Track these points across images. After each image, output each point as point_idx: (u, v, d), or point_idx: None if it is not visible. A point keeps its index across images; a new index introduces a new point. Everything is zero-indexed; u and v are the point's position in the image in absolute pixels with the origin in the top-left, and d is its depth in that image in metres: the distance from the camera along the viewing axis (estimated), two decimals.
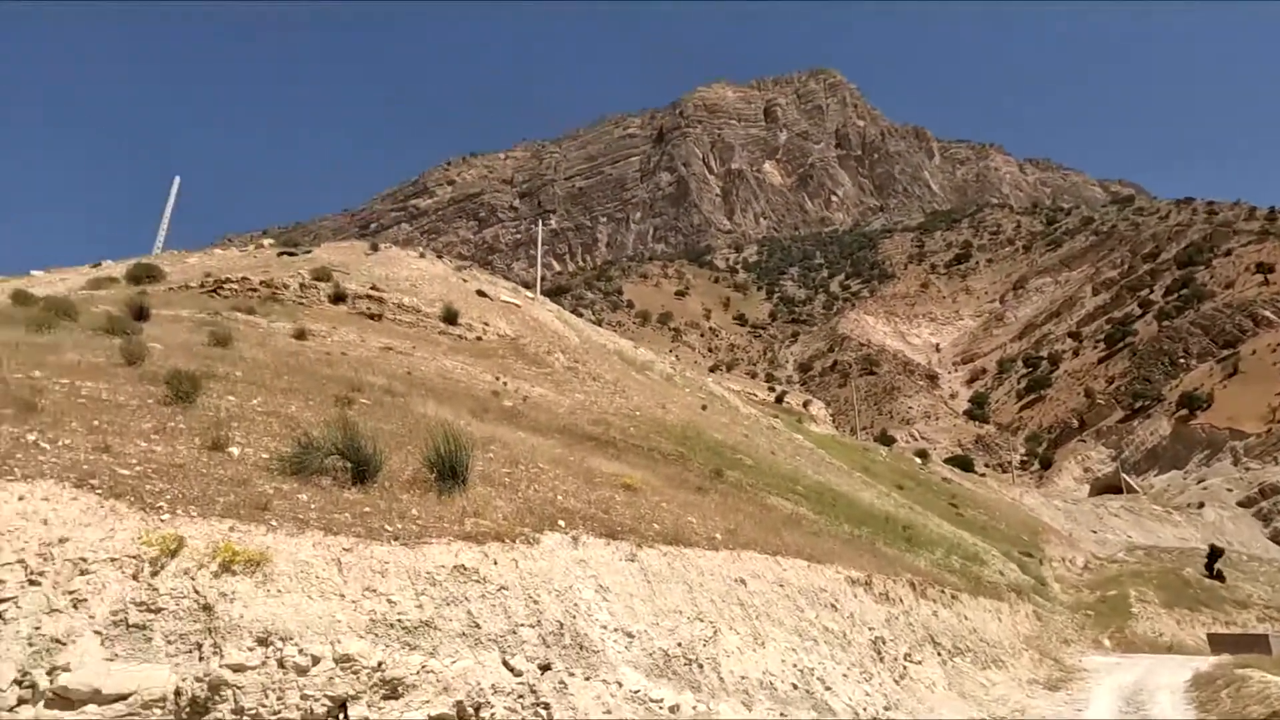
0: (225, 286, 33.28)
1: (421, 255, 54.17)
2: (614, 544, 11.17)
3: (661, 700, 9.09)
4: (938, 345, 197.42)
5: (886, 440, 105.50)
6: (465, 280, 49.14)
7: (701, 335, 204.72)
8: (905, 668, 15.48)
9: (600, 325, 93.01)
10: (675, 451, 26.86)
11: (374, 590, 8.02)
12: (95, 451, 9.30)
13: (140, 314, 22.76)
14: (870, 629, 15.18)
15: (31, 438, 9.35)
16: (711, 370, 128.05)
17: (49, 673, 6.52)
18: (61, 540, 7.46)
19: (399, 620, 7.90)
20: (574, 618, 9.30)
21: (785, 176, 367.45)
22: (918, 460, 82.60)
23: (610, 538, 11.29)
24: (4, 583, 7.05)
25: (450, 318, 36.17)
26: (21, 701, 6.41)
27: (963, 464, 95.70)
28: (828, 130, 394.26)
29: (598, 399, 33.79)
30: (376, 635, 7.67)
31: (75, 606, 7.01)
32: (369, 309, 34.69)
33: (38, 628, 6.80)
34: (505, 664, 8.19)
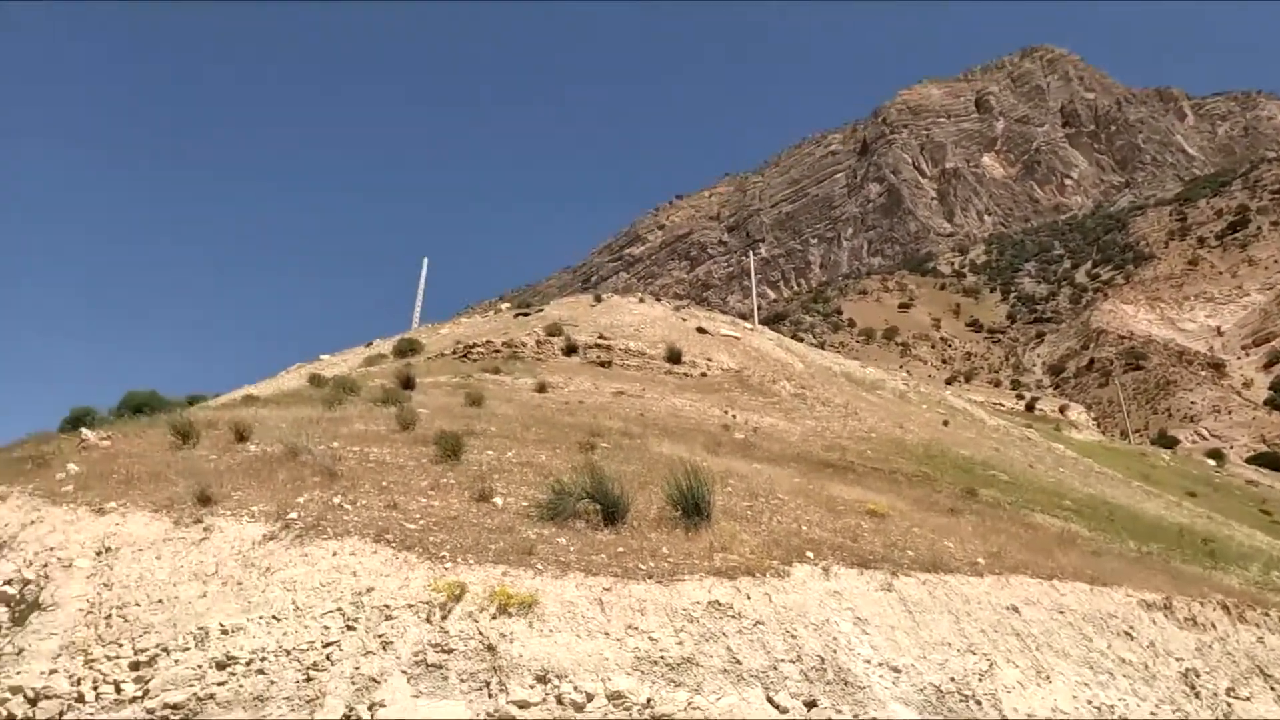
0: (473, 350, 36.61)
1: (641, 300, 56.34)
2: (867, 573, 10.75)
3: None
4: (1219, 328, 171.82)
5: (1167, 442, 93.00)
6: (684, 319, 50.33)
7: (932, 346, 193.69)
8: (1230, 704, 13.33)
9: (823, 348, 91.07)
10: (919, 472, 25.45)
11: (635, 628, 8.30)
12: (386, 509, 10.53)
13: (407, 383, 25.60)
14: (1178, 659, 13.27)
15: (336, 500, 10.78)
16: (949, 383, 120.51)
17: (369, 708, 7.39)
18: (368, 590, 8.48)
19: (661, 657, 8.10)
20: (834, 651, 9.02)
21: (1008, 167, 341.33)
22: (1210, 462, 71.91)
23: (862, 567, 10.88)
24: (328, 629, 8.13)
25: (674, 357, 37.12)
26: None
27: (1272, 462, 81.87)
28: (1051, 110, 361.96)
29: (829, 424, 32.94)
30: (642, 672, 7.91)
31: (384, 649, 7.92)
32: (598, 357, 36.55)
33: (357, 668, 7.75)
34: (770, 700, 8.09)
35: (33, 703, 8.00)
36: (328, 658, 7.89)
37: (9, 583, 9.82)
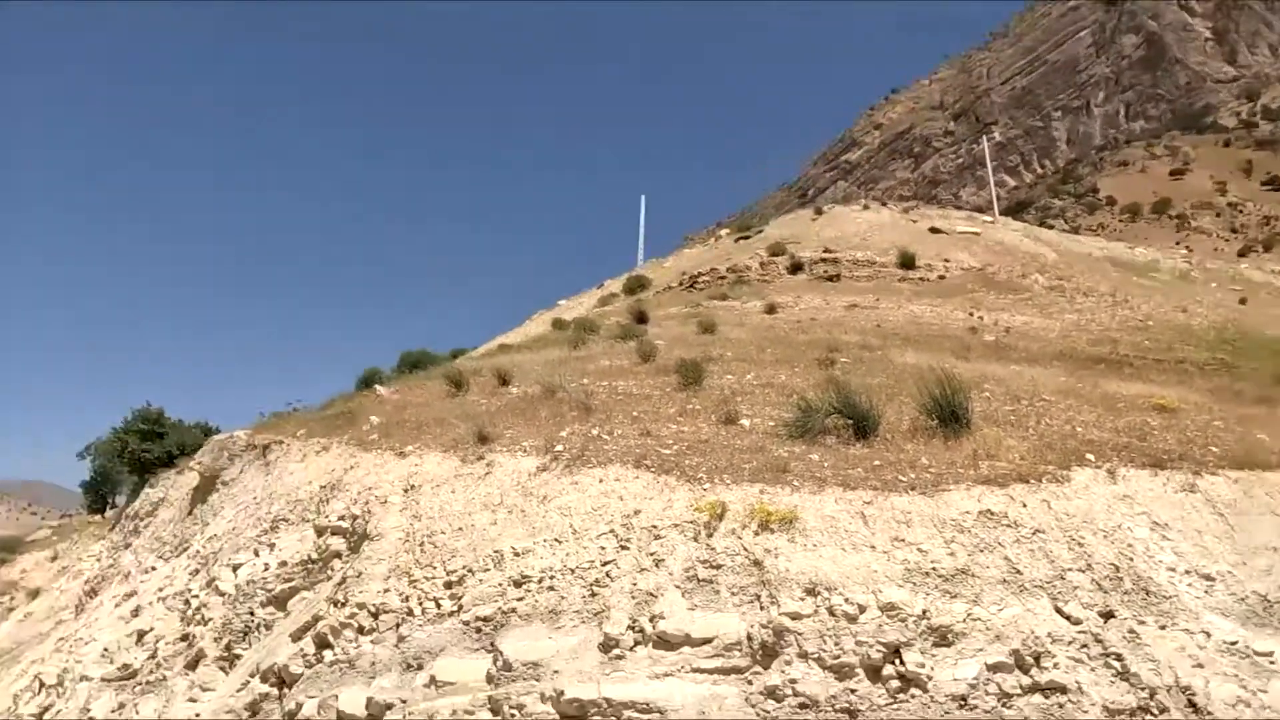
0: (699, 280, 36.99)
1: (865, 207, 53.59)
2: (1162, 474, 9.64)
3: (1272, 654, 7.55)
4: None
5: None
6: (914, 221, 47.24)
7: (1217, 215, 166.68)
8: None
9: (1077, 233, 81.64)
10: (1213, 360, 22.23)
11: (902, 540, 8.10)
12: (641, 437, 11.04)
13: (641, 318, 26.48)
14: None
15: (595, 432, 11.47)
16: (1242, 255, 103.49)
17: (650, 620, 7.90)
18: (635, 512, 8.99)
19: (933, 569, 7.85)
20: (1130, 559, 8.24)
21: None
22: None
23: (1155, 468, 9.77)
24: (604, 549, 8.76)
25: (907, 262, 35.08)
26: (636, 643, 7.87)
27: None
28: None
29: (1094, 315, 29.64)
30: (914, 584, 7.73)
31: (656, 566, 8.39)
32: (825, 272, 35.44)
33: (634, 583, 8.29)
34: (1059, 611, 7.60)
35: (375, 616, 9.45)
36: (607, 575, 8.51)
37: (342, 518, 11.59)
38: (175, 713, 10.77)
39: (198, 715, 10.60)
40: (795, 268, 35.96)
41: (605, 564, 8.61)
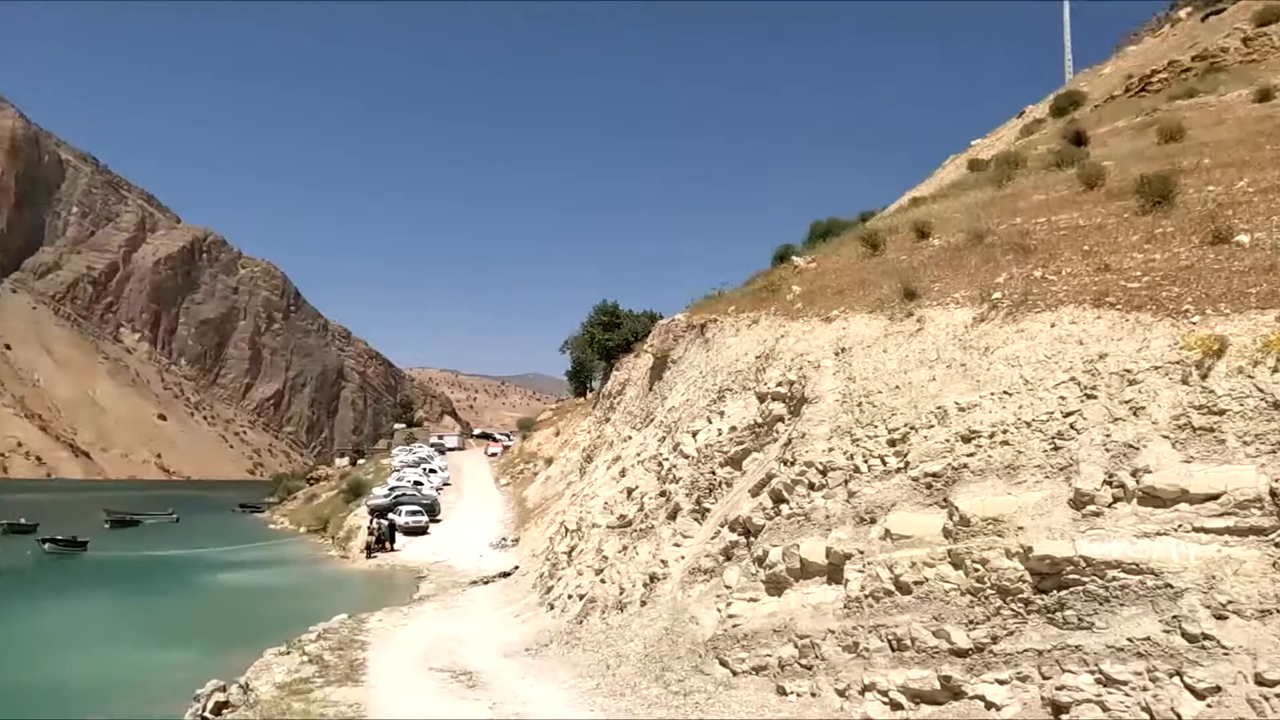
0: (1153, 80, 30.35)
1: None
2: None
3: None
4: None
5: None
6: None
7: None
8: None
9: None
10: None
11: None
12: (1097, 273, 9.58)
13: (1078, 140, 22.70)
14: None
15: (1037, 274, 10.26)
16: None
17: (1132, 474, 6.98)
18: (1100, 356, 7.90)
19: None
20: None
21: None
22: None
23: None
24: (1064, 399, 7.89)
25: None
26: (1115, 500, 7.05)
27: None
28: None
29: None
30: None
31: (1134, 414, 7.33)
32: None
33: (1108, 435, 7.37)
34: None
35: (823, 473, 9.89)
36: (1071, 427, 7.70)
37: (779, 385, 12.21)
38: (665, 554, 12.67)
39: (682, 557, 12.35)
40: None
41: (1067, 415, 7.78)
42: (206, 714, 12.22)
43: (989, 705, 7.08)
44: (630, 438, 19.59)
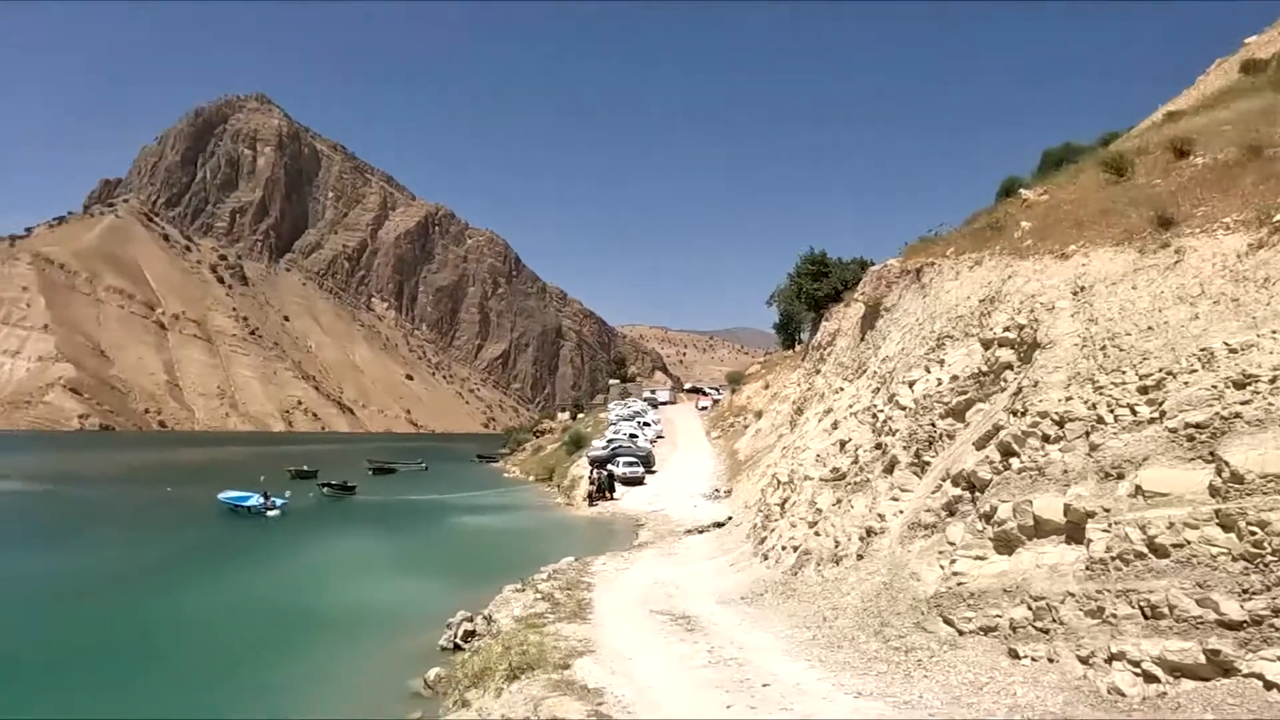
0: None
1: None
2: None
3: None
4: None
5: None
6: None
7: None
8: None
9: None
10: None
11: None
12: None
13: None
14: None
15: None
16: None
17: None
18: None
19: None
20: None
21: None
22: None
23: None
24: None
25: None
26: None
27: None
28: None
29: None
30: None
31: None
32: None
33: None
34: None
35: (1059, 424, 9.05)
36: None
37: (1007, 329, 11.29)
38: (881, 508, 12.28)
39: (900, 511, 11.91)
40: None
41: None
42: (458, 640, 13.68)
43: (1269, 685, 6.23)
44: (842, 389, 19.07)
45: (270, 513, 32.93)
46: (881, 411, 14.49)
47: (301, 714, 11.03)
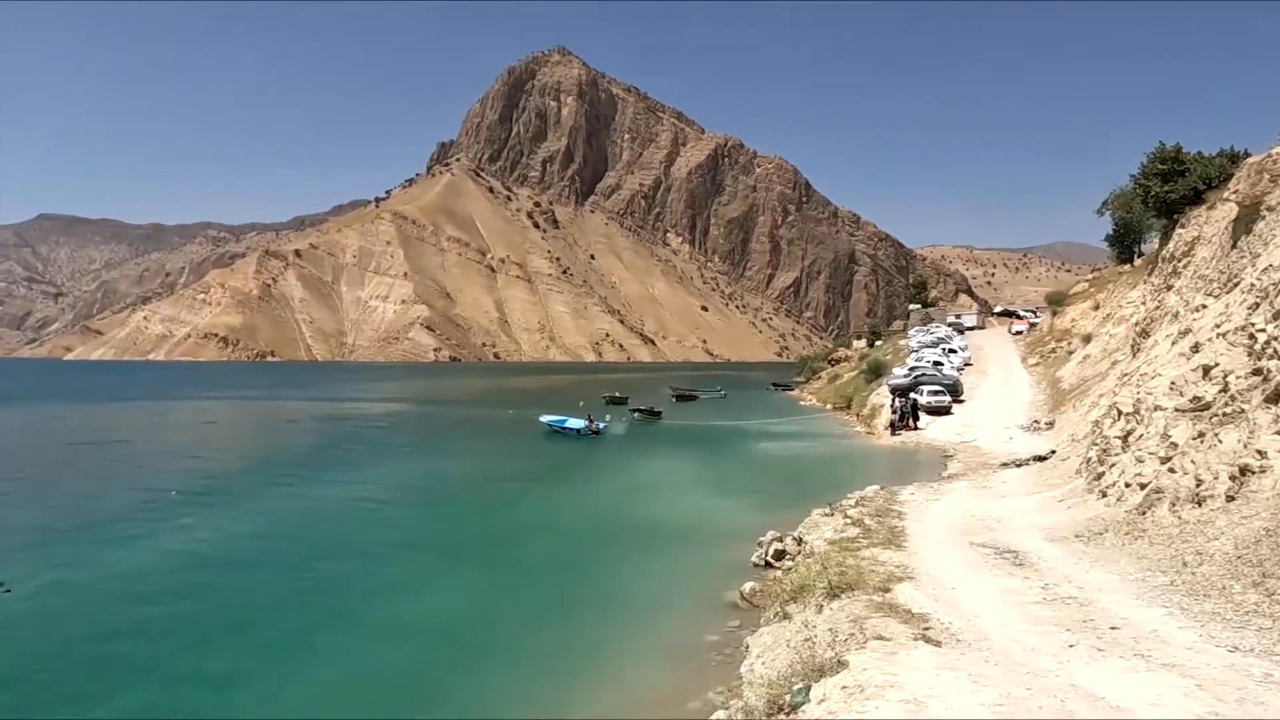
0: None
1: None
2: None
3: None
4: None
5: None
6: None
7: None
8: None
9: None
10: None
11: None
12: None
13: None
14: None
15: None
16: None
17: None
18: None
19: None
20: None
21: None
22: None
23: None
24: None
25: None
26: None
27: None
28: None
29: None
30: None
31: None
32: None
33: None
34: None
35: None
36: None
37: None
38: (1262, 443, 10.45)
39: None
40: None
41: None
42: (768, 558, 14.22)
43: None
44: (1204, 306, 16.33)
45: (594, 435, 36.41)
46: (1261, 331, 12.21)
47: (634, 604, 12.28)
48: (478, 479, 26.55)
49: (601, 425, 37.44)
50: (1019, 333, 56.74)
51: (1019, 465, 22.59)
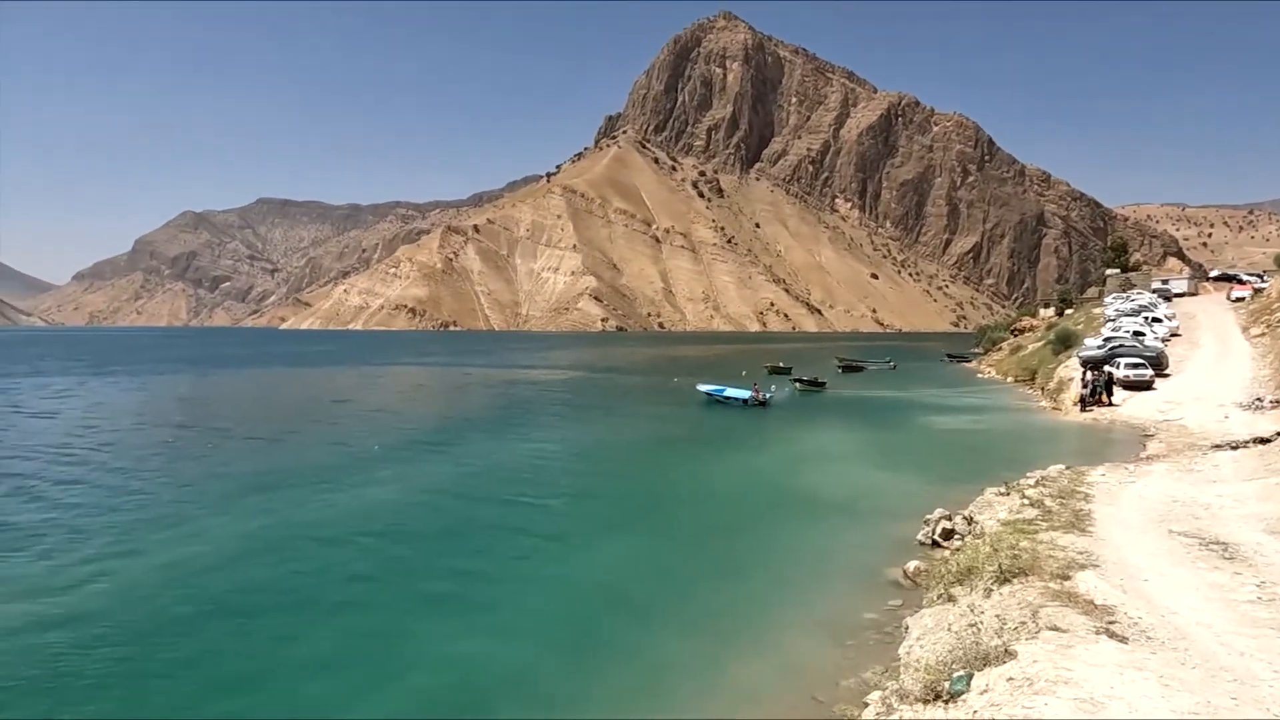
0: None
1: None
2: None
3: None
4: None
5: None
6: None
7: None
8: None
9: None
10: None
11: None
12: None
13: None
14: None
15: None
16: None
17: None
18: None
19: None
20: None
21: None
22: None
23: None
24: None
25: None
26: None
27: None
28: None
29: None
30: None
31: None
32: None
33: None
34: None
35: None
36: None
37: None
38: None
39: None
40: None
41: None
42: (935, 537, 13.55)
43: None
44: None
45: (760, 405, 36.14)
46: None
47: (794, 574, 12.15)
48: (649, 443, 27.28)
49: (768, 395, 37.09)
50: (1240, 299, 50.36)
51: (1235, 447, 20.13)
